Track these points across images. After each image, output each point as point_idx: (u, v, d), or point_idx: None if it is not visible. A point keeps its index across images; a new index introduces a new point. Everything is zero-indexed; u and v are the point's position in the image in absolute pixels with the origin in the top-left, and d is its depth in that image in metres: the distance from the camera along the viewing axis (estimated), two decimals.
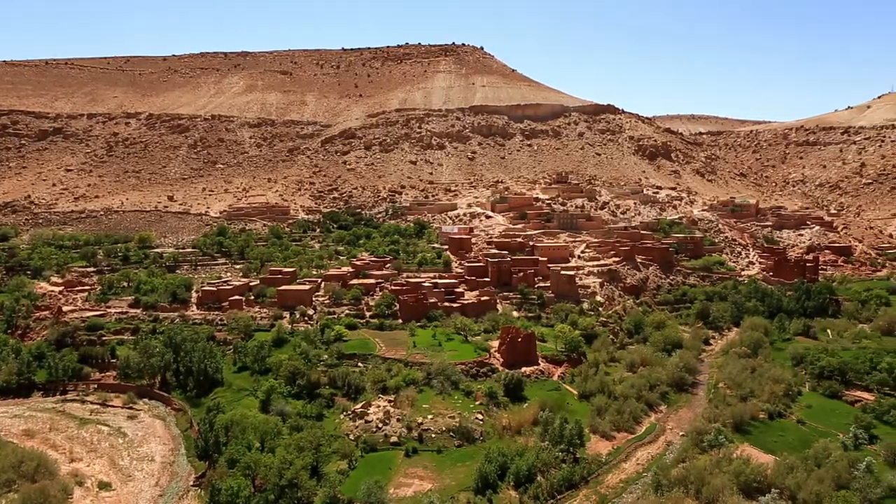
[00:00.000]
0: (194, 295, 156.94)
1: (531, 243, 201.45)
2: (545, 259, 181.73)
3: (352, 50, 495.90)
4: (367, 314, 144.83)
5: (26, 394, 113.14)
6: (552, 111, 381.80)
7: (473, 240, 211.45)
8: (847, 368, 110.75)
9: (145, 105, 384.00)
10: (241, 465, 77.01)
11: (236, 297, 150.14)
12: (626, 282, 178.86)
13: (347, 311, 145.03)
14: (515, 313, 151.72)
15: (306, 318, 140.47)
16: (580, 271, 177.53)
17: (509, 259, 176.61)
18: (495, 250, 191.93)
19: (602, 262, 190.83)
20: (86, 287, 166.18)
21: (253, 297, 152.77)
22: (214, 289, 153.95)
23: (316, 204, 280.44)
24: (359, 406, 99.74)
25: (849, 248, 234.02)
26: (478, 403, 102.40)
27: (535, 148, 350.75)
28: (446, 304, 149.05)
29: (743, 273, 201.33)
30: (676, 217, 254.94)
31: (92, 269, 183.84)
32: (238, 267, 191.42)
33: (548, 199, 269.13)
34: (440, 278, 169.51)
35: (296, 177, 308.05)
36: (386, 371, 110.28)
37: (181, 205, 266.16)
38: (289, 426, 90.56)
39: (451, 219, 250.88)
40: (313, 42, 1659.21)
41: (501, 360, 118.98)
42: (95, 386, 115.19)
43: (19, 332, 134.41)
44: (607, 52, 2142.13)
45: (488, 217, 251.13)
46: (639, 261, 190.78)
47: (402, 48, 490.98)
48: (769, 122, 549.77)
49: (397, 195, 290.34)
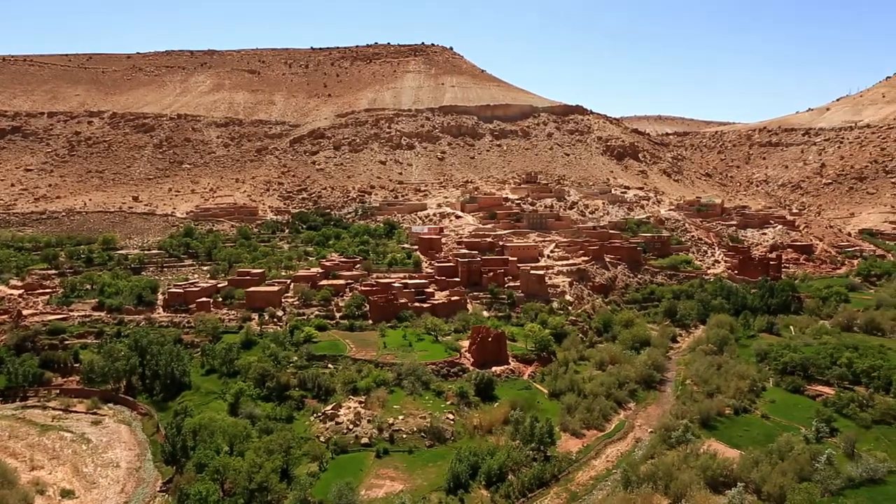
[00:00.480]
0: (160, 297, 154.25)
1: (501, 243, 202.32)
2: (515, 259, 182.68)
3: (321, 49, 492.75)
4: (337, 315, 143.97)
5: None
6: (521, 112, 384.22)
7: (443, 240, 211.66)
8: (809, 364, 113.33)
9: (109, 104, 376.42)
10: (209, 469, 75.96)
11: (204, 298, 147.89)
12: (595, 281, 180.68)
13: (317, 313, 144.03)
14: (486, 313, 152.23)
15: (275, 320, 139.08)
16: (550, 271, 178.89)
17: (479, 259, 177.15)
18: (465, 250, 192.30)
19: (571, 261, 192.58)
20: (47, 290, 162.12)
21: (221, 299, 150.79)
22: (181, 291, 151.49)
23: (285, 204, 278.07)
24: (329, 408, 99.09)
25: (810, 246, 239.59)
26: (449, 403, 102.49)
27: (505, 148, 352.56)
28: (416, 304, 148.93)
29: (709, 271, 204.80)
30: (644, 217, 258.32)
31: (53, 271, 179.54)
32: (205, 268, 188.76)
33: (517, 199, 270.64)
34: (410, 278, 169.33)
35: (264, 177, 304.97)
36: (356, 372, 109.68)
37: (146, 205, 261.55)
38: (258, 429, 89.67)
39: (420, 219, 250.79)
40: (282, 41, 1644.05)
41: (472, 359, 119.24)
42: (58, 391, 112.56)
43: None
44: (576, 53, 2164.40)
45: (458, 217, 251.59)
46: (607, 260, 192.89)
47: (371, 48, 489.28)
48: (733, 124, 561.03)
49: (367, 195, 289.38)
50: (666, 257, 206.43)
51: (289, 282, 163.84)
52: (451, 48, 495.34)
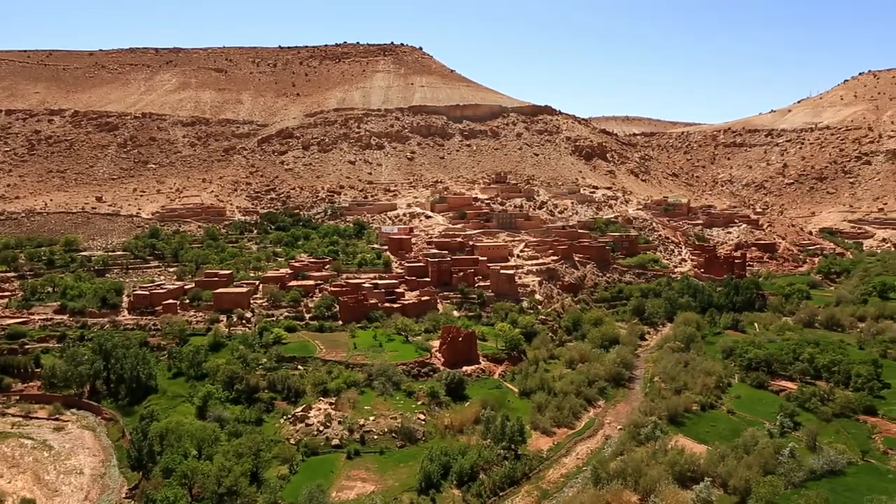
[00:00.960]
0: (125, 299, 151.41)
1: (471, 243, 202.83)
2: (485, 258, 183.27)
3: (289, 48, 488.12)
4: (307, 316, 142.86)
5: None
6: (491, 112, 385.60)
7: (413, 240, 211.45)
8: (772, 360, 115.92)
9: (70, 102, 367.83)
10: (177, 473, 74.69)
11: (170, 300, 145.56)
12: (565, 280, 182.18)
13: (286, 314, 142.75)
14: (456, 313, 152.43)
15: (244, 322, 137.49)
16: (519, 270, 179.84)
17: (449, 259, 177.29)
18: (435, 250, 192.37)
19: (541, 260, 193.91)
20: (6, 293, 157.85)
21: (188, 301, 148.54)
22: (147, 293, 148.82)
23: (253, 205, 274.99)
24: (299, 409, 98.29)
25: (773, 244, 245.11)
26: (420, 403, 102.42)
27: (474, 148, 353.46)
28: (387, 304, 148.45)
29: (676, 270, 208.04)
30: (612, 216, 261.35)
31: (13, 273, 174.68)
32: (172, 270, 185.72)
33: (487, 199, 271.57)
34: (380, 279, 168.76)
35: (232, 177, 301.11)
36: (326, 373, 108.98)
37: (110, 206, 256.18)
38: (227, 432, 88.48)
39: (390, 219, 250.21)
40: (249, 40, 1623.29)
41: (443, 359, 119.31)
42: (17, 397, 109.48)
43: None
44: (545, 53, 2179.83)
45: (428, 217, 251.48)
46: (576, 259, 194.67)
47: (340, 47, 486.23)
48: (699, 125, 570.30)
49: (336, 195, 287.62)
50: (634, 256, 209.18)
51: (257, 283, 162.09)
52: (421, 48, 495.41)
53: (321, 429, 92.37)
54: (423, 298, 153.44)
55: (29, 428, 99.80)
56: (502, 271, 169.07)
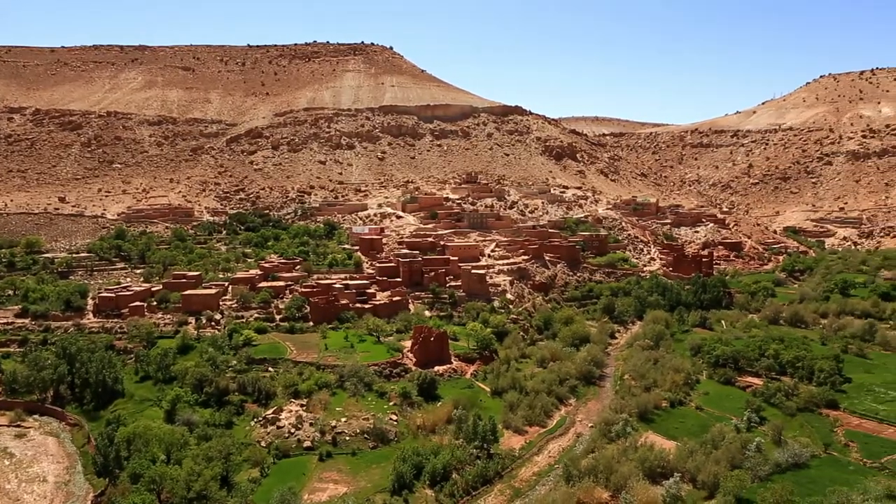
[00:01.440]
0: (90, 302, 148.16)
1: (442, 243, 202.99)
2: (456, 258, 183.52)
3: (258, 47, 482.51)
4: (277, 317, 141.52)
5: None
6: (462, 112, 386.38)
7: (384, 240, 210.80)
8: (739, 356, 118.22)
9: (31, 99, 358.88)
10: (145, 479, 73.48)
11: (137, 303, 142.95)
12: (535, 279, 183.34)
13: (256, 315, 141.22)
14: (427, 313, 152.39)
15: (213, 324, 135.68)
16: (490, 270, 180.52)
17: (420, 259, 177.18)
18: (406, 250, 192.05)
19: (512, 260, 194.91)
20: None
21: (155, 303, 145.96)
22: (113, 295, 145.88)
23: (221, 205, 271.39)
24: (270, 412, 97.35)
25: (739, 243, 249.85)
26: (392, 404, 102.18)
27: (445, 148, 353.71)
28: (358, 305, 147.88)
29: (645, 269, 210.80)
30: (582, 216, 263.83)
31: None
32: (139, 271, 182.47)
33: (458, 199, 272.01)
34: (351, 279, 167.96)
35: (200, 177, 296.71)
36: (297, 375, 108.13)
37: (74, 206, 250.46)
38: (196, 436, 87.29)
39: (361, 219, 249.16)
40: (217, 38, 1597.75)
41: (414, 359, 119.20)
42: None
43: None
44: (515, 53, 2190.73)
45: (399, 217, 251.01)
46: (547, 259, 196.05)
47: (310, 46, 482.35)
48: (667, 125, 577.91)
49: (306, 196, 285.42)
50: (604, 255, 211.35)
51: (227, 284, 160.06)
52: (392, 48, 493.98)
53: (292, 431, 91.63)
54: (395, 299, 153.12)
55: None
56: (473, 271, 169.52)
